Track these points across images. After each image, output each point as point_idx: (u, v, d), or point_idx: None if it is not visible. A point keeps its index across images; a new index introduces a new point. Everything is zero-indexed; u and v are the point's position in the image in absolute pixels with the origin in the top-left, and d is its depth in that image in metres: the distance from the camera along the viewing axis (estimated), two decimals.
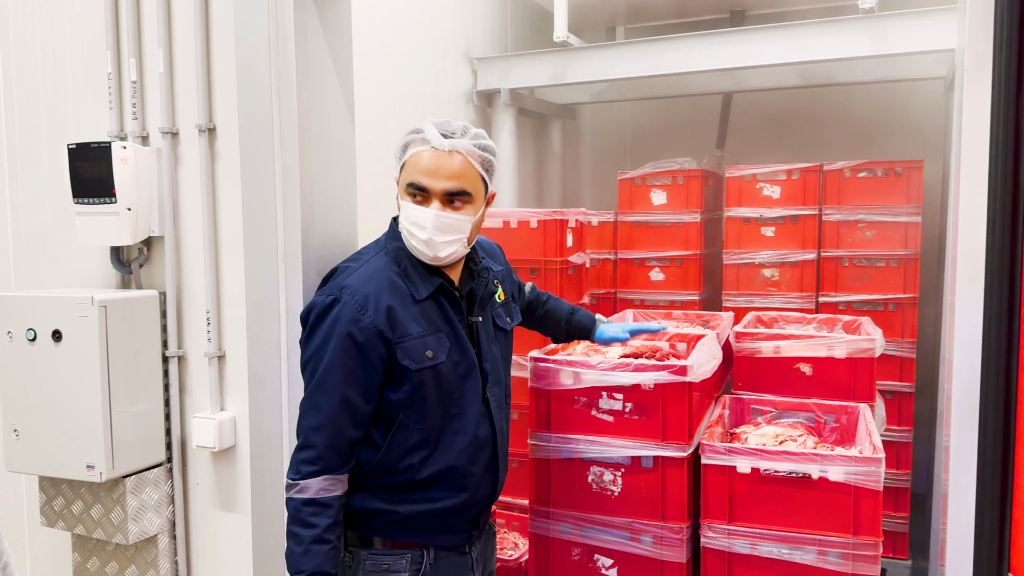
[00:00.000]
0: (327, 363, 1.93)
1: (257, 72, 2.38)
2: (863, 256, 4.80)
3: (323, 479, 1.93)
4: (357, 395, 1.95)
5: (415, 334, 1.98)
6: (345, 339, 1.92)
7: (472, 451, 2.09)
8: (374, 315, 1.93)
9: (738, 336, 3.34)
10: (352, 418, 1.96)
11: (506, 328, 2.28)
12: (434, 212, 1.94)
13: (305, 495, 1.92)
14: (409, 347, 1.97)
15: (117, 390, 2.49)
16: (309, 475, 1.93)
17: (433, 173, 1.93)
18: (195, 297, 2.63)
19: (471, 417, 2.08)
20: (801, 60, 4.63)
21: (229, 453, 2.62)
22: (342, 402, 1.93)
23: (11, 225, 2.97)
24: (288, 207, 2.38)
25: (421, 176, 1.94)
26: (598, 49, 5.08)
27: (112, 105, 2.67)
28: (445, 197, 1.95)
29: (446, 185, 1.94)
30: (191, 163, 2.60)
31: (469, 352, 2.08)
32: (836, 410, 3.12)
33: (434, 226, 1.94)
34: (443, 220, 1.95)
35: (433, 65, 4.86)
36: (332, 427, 1.93)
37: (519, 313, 2.41)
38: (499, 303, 2.26)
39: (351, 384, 1.94)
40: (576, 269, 4.48)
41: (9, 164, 2.96)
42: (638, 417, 2.66)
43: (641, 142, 6.63)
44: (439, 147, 1.94)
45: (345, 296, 1.95)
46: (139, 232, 2.56)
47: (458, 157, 1.95)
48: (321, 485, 1.93)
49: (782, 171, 4.94)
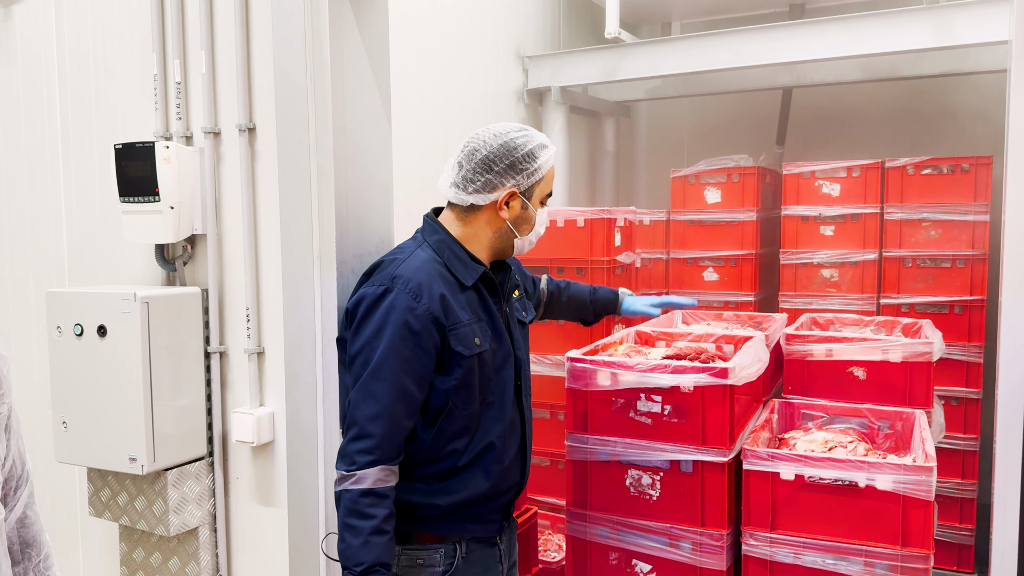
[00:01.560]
0: (383, 352, 1.94)
1: (294, 71, 2.40)
2: (927, 256, 4.62)
3: (379, 469, 1.93)
4: (413, 384, 1.97)
5: (465, 321, 2.03)
6: (402, 327, 1.94)
7: (506, 437, 2.13)
8: (429, 302, 1.97)
9: (789, 338, 3.24)
10: (407, 408, 1.97)
11: (525, 321, 2.33)
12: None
13: (362, 485, 1.91)
14: (461, 334, 2.01)
15: (159, 385, 2.54)
16: (366, 465, 1.92)
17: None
18: (236, 294, 2.67)
19: (506, 404, 2.13)
20: (864, 53, 4.47)
21: (268, 448, 2.65)
22: (398, 391, 1.94)
23: (65, 223, 3.07)
24: (323, 206, 2.39)
25: (551, 185, 2.17)
26: (650, 45, 5.00)
27: (158, 106, 2.72)
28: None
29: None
30: (232, 162, 2.63)
31: (506, 341, 2.14)
32: (890, 416, 2.99)
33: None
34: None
35: (484, 64, 4.86)
36: (389, 416, 1.94)
37: (532, 308, 2.45)
38: (516, 298, 2.31)
39: (407, 373, 1.95)
40: (624, 269, 4.41)
41: (64, 164, 3.05)
42: (677, 420, 2.60)
43: (698, 140, 6.50)
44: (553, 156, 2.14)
45: (398, 285, 1.97)
46: (182, 230, 2.61)
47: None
48: (378, 475, 1.93)
49: (842, 168, 4.78)
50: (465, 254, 2.09)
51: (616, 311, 2.76)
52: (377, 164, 2.54)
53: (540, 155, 2.08)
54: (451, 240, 2.10)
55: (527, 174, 2.08)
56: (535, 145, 2.08)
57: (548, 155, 2.10)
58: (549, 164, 2.10)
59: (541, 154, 2.08)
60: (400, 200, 2.61)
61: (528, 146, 2.07)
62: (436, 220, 2.15)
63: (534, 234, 2.15)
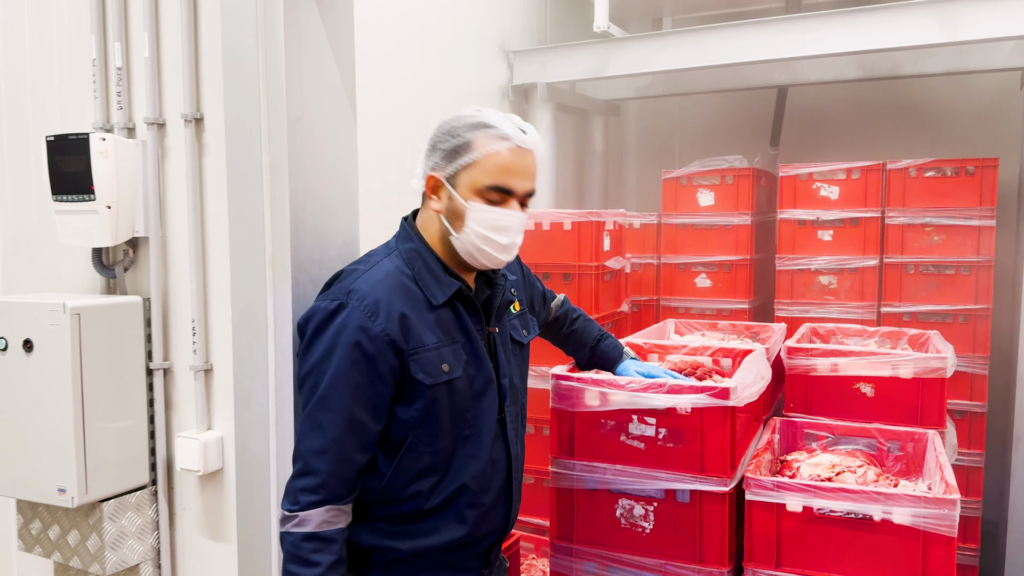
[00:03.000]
0: (331, 377, 1.70)
1: (244, 54, 2.13)
2: (930, 263, 4.41)
3: (326, 510, 1.70)
4: (365, 413, 1.71)
5: (430, 344, 1.75)
6: (352, 349, 1.69)
7: (484, 477, 1.85)
8: (386, 322, 1.70)
9: (790, 351, 2.99)
10: (359, 440, 1.73)
11: (522, 341, 2.04)
12: (522, 215, 1.80)
13: (305, 529, 1.68)
14: (424, 359, 1.74)
15: (93, 406, 2.27)
16: (310, 505, 1.69)
17: (520, 174, 1.77)
18: (182, 304, 2.40)
19: (485, 439, 1.85)
20: (864, 49, 4.24)
21: (217, 476, 2.37)
22: (349, 421, 1.70)
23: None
24: (276, 205, 2.12)
25: (508, 178, 1.76)
26: (642, 39, 4.76)
27: (97, 94, 2.45)
28: (523, 198, 1.81)
29: (528, 186, 1.81)
30: (177, 156, 2.37)
31: (487, 366, 1.85)
32: (901, 436, 2.76)
33: (519, 230, 1.80)
34: (525, 223, 1.83)
35: (466, 57, 4.61)
36: (337, 450, 1.70)
37: (536, 326, 2.14)
38: (515, 314, 2.04)
39: (359, 401, 1.70)
40: (614, 275, 4.17)
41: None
42: (673, 445, 2.34)
43: (690, 140, 6.27)
44: (523, 145, 1.77)
45: (352, 301, 1.72)
46: (121, 232, 2.34)
47: (532, 155, 1.81)
48: (323, 517, 1.70)
49: (841, 170, 4.56)
50: (439, 266, 1.82)
51: (611, 370, 2.49)
52: (340, 159, 2.27)
53: (467, 134, 1.75)
54: (425, 249, 1.83)
55: (447, 155, 1.77)
56: (463, 124, 1.77)
57: (483, 136, 1.74)
58: (487, 148, 1.73)
59: (469, 134, 1.75)
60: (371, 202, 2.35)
61: (456, 124, 1.77)
62: (413, 225, 1.88)
63: (476, 236, 1.75)
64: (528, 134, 1.77)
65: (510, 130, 1.75)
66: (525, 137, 1.76)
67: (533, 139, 1.78)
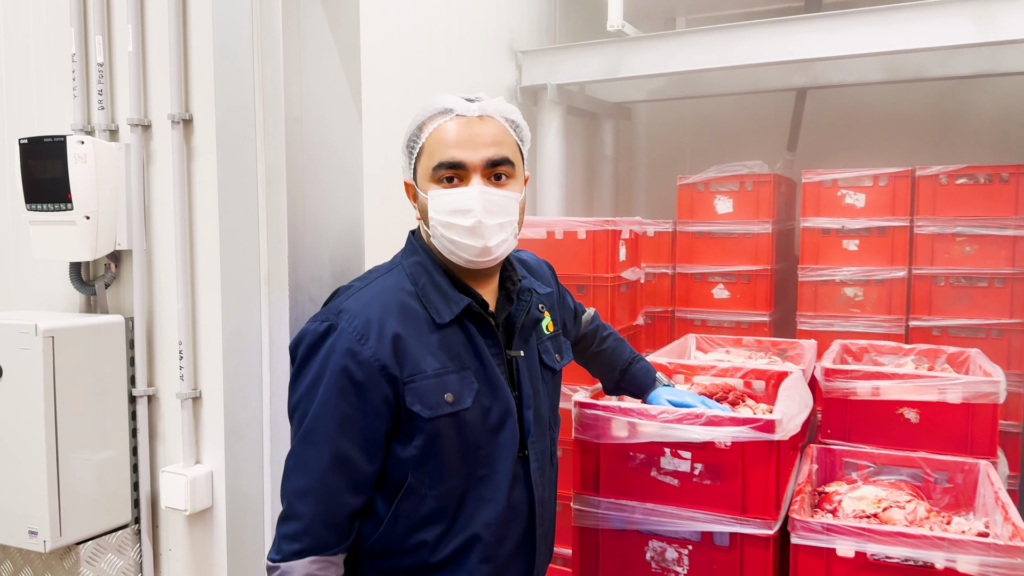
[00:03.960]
0: (317, 408, 1.48)
1: (237, 47, 1.91)
2: (962, 274, 4.21)
3: (310, 561, 1.47)
4: (355, 449, 1.49)
5: (430, 371, 1.51)
6: (339, 376, 1.47)
7: (501, 526, 1.60)
8: (376, 345, 1.48)
9: (828, 373, 2.77)
10: (349, 480, 1.50)
11: (555, 367, 1.79)
12: (479, 188, 1.53)
13: None
14: (422, 388, 1.50)
15: (69, 438, 2.04)
16: (292, 555, 1.47)
17: (467, 143, 1.53)
18: (168, 324, 2.17)
19: (502, 481, 1.60)
20: (895, 50, 4.04)
21: (206, 515, 2.15)
22: (335, 459, 1.47)
23: None
24: (272, 216, 1.90)
25: (453, 150, 1.53)
26: (657, 39, 4.55)
27: (77, 92, 2.23)
28: (487, 170, 1.55)
29: (487, 153, 1.54)
30: (164, 161, 2.14)
31: (504, 396, 1.60)
32: (949, 467, 2.55)
33: (482, 207, 1.52)
34: (490, 198, 1.53)
35: (473, 58, 4.40)
36: (322, 492, 1.48)
37: (570, 349, 1.91)
38: (547, 335, 1.78)
39: (347, 434, 1.48)
40: (629, 286, 3.95)
41: None
42: (710, 482, 2.12)
43: (702, 144, 6.06)
44: (466, 112, 1.55)
45: (342, 322, 1.50)
46: (101, 246, 2.11)
47: (491, 122, 1.57)
48: (308, 569, 1.47)
49: (868, 176, 4.35)
50: (447, 280, 1.59)
51: (641, 398, 2.25)
52: (343, 164, 2.05)
53: (416, 121, 1.58)
54: (431, 263, 1.60)
55: (407, 152, 1.60)
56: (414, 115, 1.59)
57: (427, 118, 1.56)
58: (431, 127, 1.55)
59: (418, 120, 1.58)
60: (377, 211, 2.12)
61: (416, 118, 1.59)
62: (420, 237, 1.66)
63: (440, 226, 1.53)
64: (476, 101, 1.57)
65: (450, 101, 1.55)
66: (468, 104, 1.55)
67: (481, 104, 1.56)
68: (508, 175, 1.57)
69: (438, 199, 1.53)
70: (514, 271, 1.72)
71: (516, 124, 1.62)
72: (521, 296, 1.70)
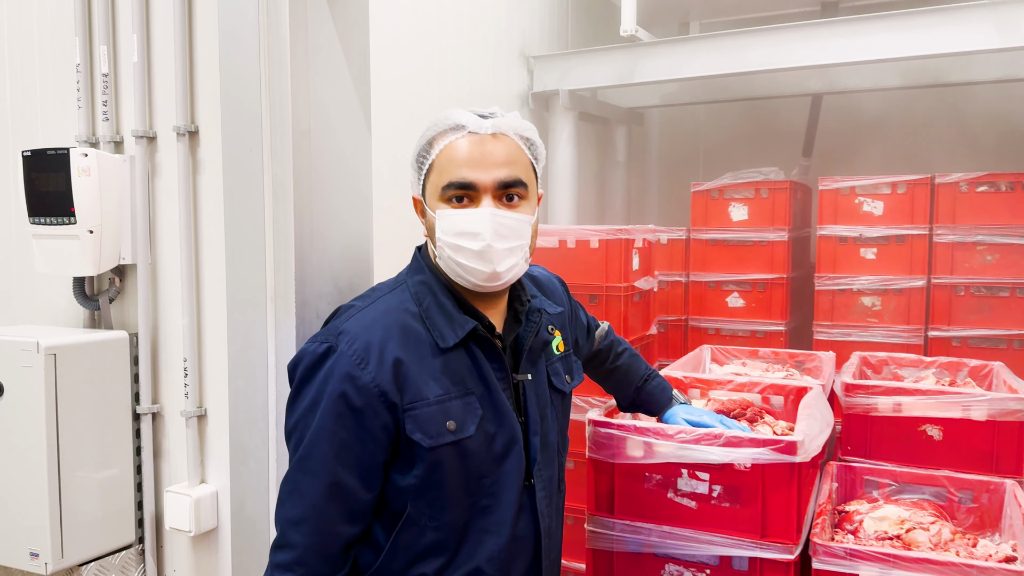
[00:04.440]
0: (313, 433, 1.42)
1: (244, 58, 1.86)
2: (982, 284, 4.12)
3: None
4: (352, 477, 1.42)
5: (432, 398, 1.45)
6: (337, 401, 1.40)
7: (505, 559, 1.53)
8: (376, 370, 1.41)
9: (848, 388, 2.70)
10: (344, 508, 1.43)
11: (564, 390, 1.72)
12: (489, 211, 1.45)
13: None
14: (423, 416, 1.44)
15: (71, 457, 2.00)
16: None
17: (479, 162, 1.46)
18: (172, 340, 2.13)
19: (506, 511, 1.53)
20: (915, 55, 3.96)
21: (211, 536, 2.10)
22: (331, 486, 1.41)
23: None
24: (279, 231, 1.85)
25: (464, 170, 1.46)
26: (671, 44, 4.48)
27: (81, 103, 2.18)
28: (498, 191, 1.48)
29: (499, 174, 1.47)
30: (169, 174, 2.10)
31: (510, 422, 1.53)
32: (974, 486, 2.47)
33: (492, 230, 1.45)
34: (501, 221, 1.46)
35: (484, 63, 4.34)
36: (317, 521, 1.42)
37: (580, 369, 1.83)
38: (557, 355, 1.71)
39: (344, 462, 1.42)
40: (643, 295, 3.88)
41: None
42: (729, 504, 2.05)
43: (714, 150, 5.99)
44: (479, 130, 1.48)
45: (341, 344, 1.43)
46: (104, 260, 2.07)
47: (505, 140, 1.49)
48: None
49: (886, 183, 4.26)
50: (452, 302, 1.52)
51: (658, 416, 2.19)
52: (352, 177, 2.00)
53: (426, 136, 1.52)
54: (437, 283, 1.54)
55: (416, 167, 1.54)
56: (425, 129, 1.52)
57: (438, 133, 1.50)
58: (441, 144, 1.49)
59: (428, 135, 1.52)
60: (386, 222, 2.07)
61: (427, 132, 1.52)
62: (426, 255, 1.59)
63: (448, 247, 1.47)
64: (489, 118, 1.50)
65: (463, 117, 1.49)
66: (482, 122, 1.48)
67: (494, 122, 1.49)
68: (521, 196, 1.50)
69: (447, 220, 1.47)
70: (523, 291, 1.65)
71: (531, 142, 1.55)
72: (530, 317, 1.63)
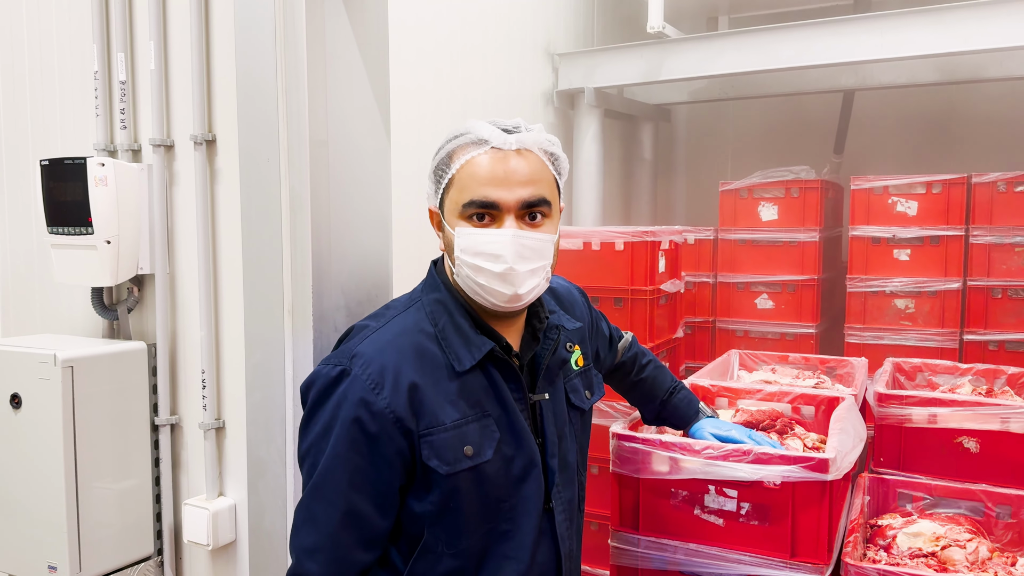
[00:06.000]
0: (328, 460, 1.37)
1: (260, 65, 1.83)
2: (1020, 286, 3.99)
3: None
4: (368, 504, 1.38)
5: (448, 423, 1.40)
6: (352, 427, 1.36)
7: None
8: (391, 395, 1.37)
9: (882, 399, 2.62)
10: (360, 536, 1.39)
11: (583, 407, 1.66)
12: (512, 232, 1.39)
13: None
14: (440, 442, 1.39)
15: (89, 469, 1.98)
16: None
17: (502, 181, 1.40)
18: (191, 352, 2.10)
19: (527, 536, 1.48)
20: (948, 51, 3.84)
21: (229, 549, 2.08)
22: (346, 514, 1.37)
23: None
24: (296, 243, 1.81)
25: (487, 188, 1.40)
26: (699, 40, 4.39)
27: (99, 111, 2.16)
28: (521, 211, 1.41)
29: (523, 194, 1.41)
30: (187, 183, 2.07)
31: (528, 444, 1.48)
32: (1013, 501, 2.39)
33: (515, 252, 1.40)
34: (524, 243, 1.40)
35: (509, 62, 4.28)
36: (332, 549, 1.38)
37: (601, 383, 1.78)
38: (575, 371, 1.65)
39: (359, 488, 1.37)
40: (669, 298, 3.82)
41: None
42: (758, 523, 1.99)
43: (743, 148, 5.88)
44: (503, 146, 1.41)
45: (355, 368, 1.38)
46: (122, 270, 2.05)
47: (529, 156, 1.43)
48: None
49: (920, 183, 4.15)
50: (468, 322, 1.47)
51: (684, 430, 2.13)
52: (371, 188, 1.96)
53: (446, 148, 1.45)
54: (453, 302, 1.48)
55: (435, 179, 1.47)
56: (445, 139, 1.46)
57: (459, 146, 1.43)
58: (463, 158, 1.42)
59: (448, 147, 1.45)
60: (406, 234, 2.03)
61: (442, 142, 1.46)
62: (441, 270, 1.54)
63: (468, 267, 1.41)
64: (514, 132, 1.43)
65: (486, 131, 1.42)
66: (506, 137, 1.41)
67: (519, 137, 1.42)
68: (544, 214, 1.44)
69: (467, 238, 1.41)
70: (542, 307, 1.59)
71: (555, 156, 1.49)
72: (548, 335, 1.57)
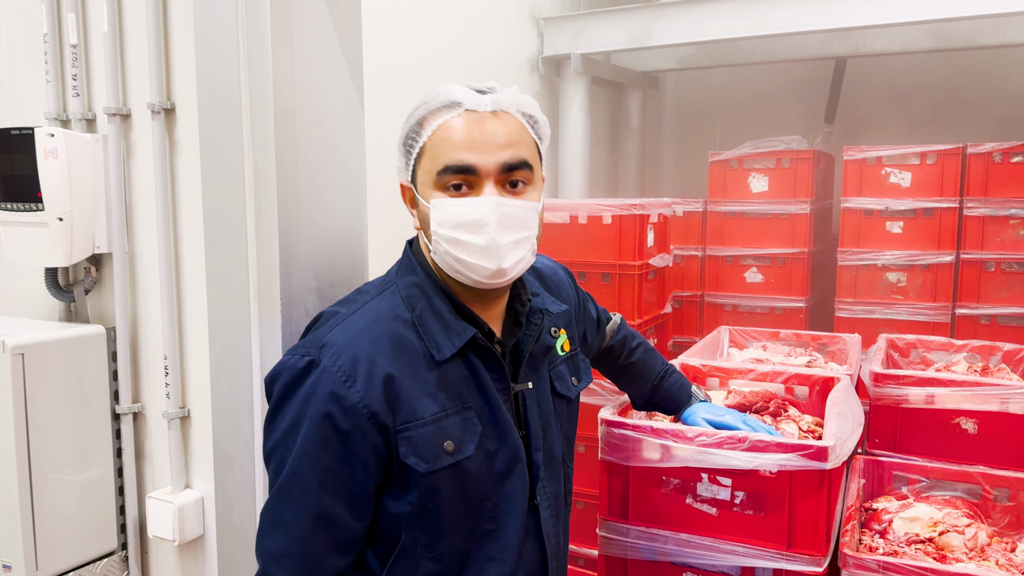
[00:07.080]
0: (295, 459, 1.25)
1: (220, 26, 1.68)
2: (1014, 260, 3.93)
3: None
4: (340, 506, 1.27)
5: (428, 417, 1.28)
6: (322, 423, 1.24)
7: None
8: (365, 388, 1.24)
9: (877, 378, 2.54)
10: (332, 540, 1.28)
11: (569, 395, 1.55)
12: (493, 199, 1.27)
13: None
14: (418, 437, 1.27)
15: (44, 461, 1.86)
16: None
17: (479, 144, 1.28)
18: (153, 335, 1.97)
19: (511, 535, 1.38)
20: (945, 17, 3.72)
21: (197, 544, 1.97)
22: (316, 517, 1.26)
23: None
24: (262, 220, 1.68)
25: (462, 152, 1.27)
26: (689, 5, 4.25)
27: (49, 77, 2.01)
28: (501, 176, 1.29)
29: (502, 156, 1.29)
30: (144, 155, 1.93)
31: (512, 438, 1.37)
32: (1011, 483, 2.33)
33: (497, 221, 1.28)
34: (506, 211, 1.29)
35: (492, 26, 4.13)
36: (302, 555, 1.26)
37: (588, 369, 1.67)
38: (561, 356, 1.54)
39: (329, 490, 1.26)
40: (658, 273, 3.71)
41: None
42: (753, 512, 1.91)
43: (733, 115, 5.76)
44: (477, 107, 1.29)
45: (325, 359, 1.26)
46: (77, 250, 1.91)
47: (506, 118, 1.31)
48: None
49: (914, 154, 4.05)
50: (447, 306, 1.34)
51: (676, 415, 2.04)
52: (344, 160, 1.83)
53: (415, 115, 1.33)
54: (431, 285, 1.36)
55: (404, 149, 1.34)
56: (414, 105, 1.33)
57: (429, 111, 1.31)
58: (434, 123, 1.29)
59: (417, 113, 1.32)
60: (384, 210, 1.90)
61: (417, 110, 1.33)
62: (417, 250, 1.41)
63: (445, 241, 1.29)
64: (488, 93, 1.31)
65: (458, 93, 1.30)
66: (480, 98, 1.29)
67: (494, 97, 1.30)
68: (526, 181, 1.31)
69: (443, 210, 1.28)
70: (524, 289, 1.46)
71: (534, 119, 1.36)
72: (531, 319, 1.45)
